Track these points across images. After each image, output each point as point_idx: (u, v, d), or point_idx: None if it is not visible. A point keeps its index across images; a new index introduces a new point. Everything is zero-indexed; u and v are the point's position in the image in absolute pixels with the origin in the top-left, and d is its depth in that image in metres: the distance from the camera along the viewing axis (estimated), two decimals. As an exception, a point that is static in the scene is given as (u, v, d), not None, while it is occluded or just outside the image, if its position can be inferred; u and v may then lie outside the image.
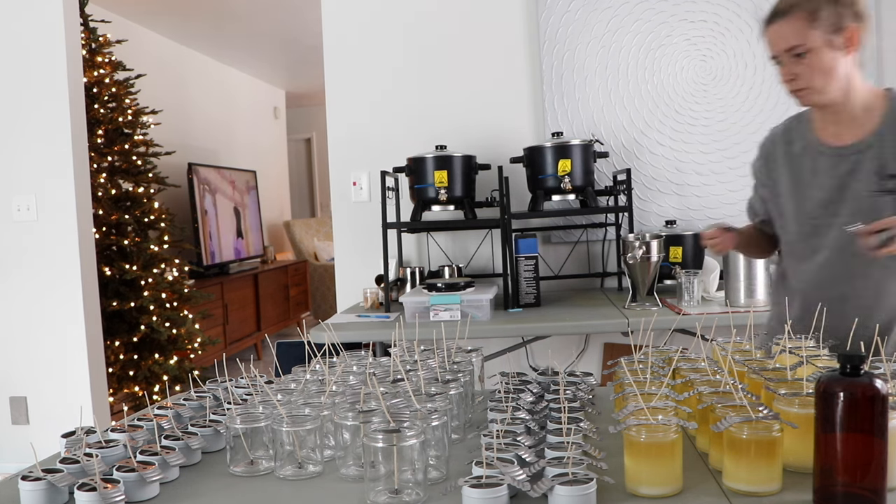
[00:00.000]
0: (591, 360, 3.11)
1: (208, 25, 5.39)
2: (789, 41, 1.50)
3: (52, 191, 3.23)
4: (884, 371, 1.07)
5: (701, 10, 3.01)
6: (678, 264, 2.58)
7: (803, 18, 1.48)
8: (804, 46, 1.49)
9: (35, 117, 3.21)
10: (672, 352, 1.35)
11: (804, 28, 1.48)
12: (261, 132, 7.32)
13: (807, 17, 1.48)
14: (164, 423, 1.23)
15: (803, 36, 1.49)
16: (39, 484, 0.99)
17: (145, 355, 3.97)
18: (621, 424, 0.98)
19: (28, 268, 3.27)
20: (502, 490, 0.90)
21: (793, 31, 1.49)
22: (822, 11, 1.48)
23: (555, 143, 2.73)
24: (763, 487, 0.94)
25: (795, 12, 1.49)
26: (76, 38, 3.31)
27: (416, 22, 3.12)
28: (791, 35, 1.49)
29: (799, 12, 1.49)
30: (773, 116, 2.99)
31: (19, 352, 3.31)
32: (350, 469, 1.09)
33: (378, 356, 1.48)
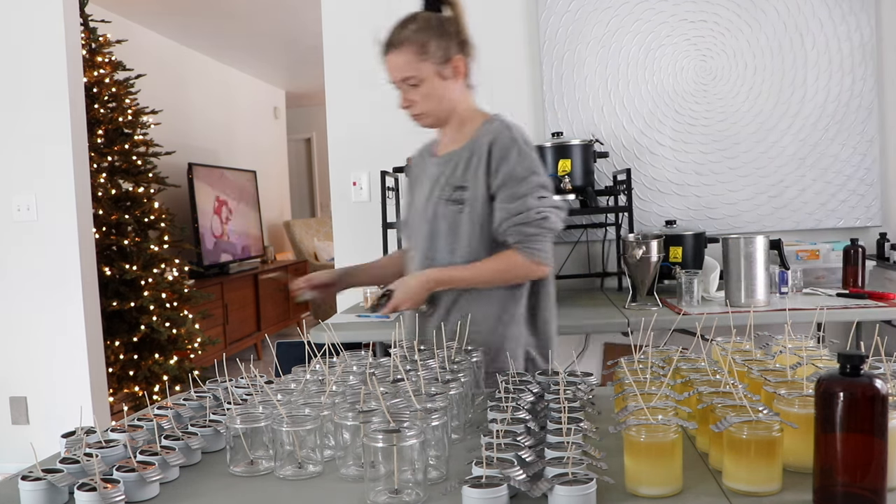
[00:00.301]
0: (591, 360, 3.11)
1: (208, 25, 5.39)
2: (403, 72, 1.60)
3: (52, 191, 3.23)
4: (884, 371, 1.07)
5: (701, 10, 3.01)
6: (678, 264, 2.58)
7: (414, 52, 1.59)
8: (416, 78, 1.60)
9: (35, 117, 3.21)
10: (672, 352, 1.35)
11: (415, 61, 1.59)
12: (261, 132, 7.32)
13: (417, 51, 1.59)
14: (164, 423, 1.23)
15: (415, 68, 1.60)
16: (39, 484, 0.99)
17: (145, 355, 3.97)
18: (621, 424, 0.98)
19: (28, 268, 3.27)
20: (502, 490, 0.90)
21: (406, 64, 1.59)
22: (430, 45, 1.59)
23: (555, 143, 2.73)
24: (763, 487, 0.94)
25: (406, 46, 1.59)
26: (76, 38, 3.30)
27: (416, 22, 3.12)
28: (404, 67, 1.60)
29: (409, 46, 1.59)
30: (773, 116, 3.02)
31: (19, 352, 3.30)
32: (350, 469, 1.09)
33: (378, 356, 1.48)
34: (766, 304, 2.36)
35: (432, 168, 1.72)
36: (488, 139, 1.62)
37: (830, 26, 2.98)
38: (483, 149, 1.61)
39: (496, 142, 1.60)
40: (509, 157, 1.59)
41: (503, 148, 1.60)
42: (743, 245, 2.35)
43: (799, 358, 1.20)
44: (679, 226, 2.76)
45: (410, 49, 1.59)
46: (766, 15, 2.99)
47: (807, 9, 2.98)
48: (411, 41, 1.59)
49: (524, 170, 1.59)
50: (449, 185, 1.63)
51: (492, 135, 1.62)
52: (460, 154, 1.66)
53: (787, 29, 2.99)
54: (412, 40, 1.59)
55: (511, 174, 1.58)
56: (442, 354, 1.35)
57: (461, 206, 1.61)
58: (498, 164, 1.59)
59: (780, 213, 3.03)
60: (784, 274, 2.51)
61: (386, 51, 1.62)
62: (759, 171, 3.03)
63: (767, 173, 3.03)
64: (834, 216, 3.02)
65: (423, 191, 1.71)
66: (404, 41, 1.59)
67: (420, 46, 1.59)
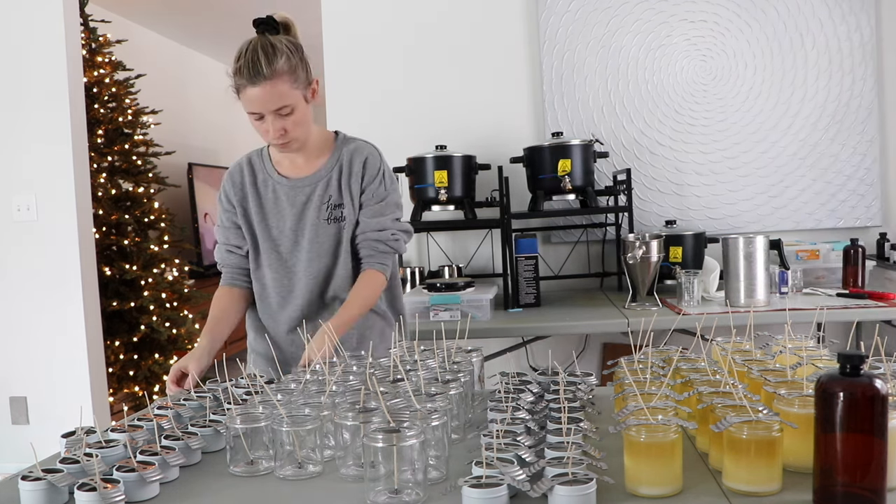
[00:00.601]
0: (591, 360, 3.11)
1: (208, 25, 5.39)
2: (279, 103, 1.56)
3: (52, 191, 3.23)
4: (884, 371, 1.07)
5: (701, 10, 3.01)
6: (678, 264, 2.58)
7: (287, 81, 1.55)
8: (290, 106, 1.57)
9: (35, 117, 3.21)
10: (672, 352, 1.35)
11: (289, 90, 1.56)
12: (260, 132, 7.31)
13: (289, 80, 1.55)
14: (164, 423, 1.23)
15: (289, 97, 1.56)
16: (39, 484, 0.99)
17: (145, 355, 3.97)
18: (621, 424, 0.98)
19: (28, 268, 3.27)
20: (502, 490, 0.90)
21: (280, 94, 1.55)
22: (299, 71, 1.58)
23: (555, 143, 2.73)
24: (763, 487, 0.94)
25: (281, 77, 1.54)
26: (76, 38, 3.30)
27: (416, 22, 3.12)
28: (279, 97, 1.55)
29: (284, 76, 1.55)
30: (773, 116, 3.02)
31: (19, 352, 3.31)
32: (350, 469, 1.09)
33: (378, 356, 1.48)
34: (766, 304, 2.36)
35: (286, 190, 1.71)
36: (360, 157, 1.70)
37: (830, 26, 2.98)
38: (356, 166, 1.70)
39: (368, 160, 1.70)
40: (377, 175, 1.70)
41: (373, 167, 1.70)
42: (743, 245, 2.35)
43: (799, 358, 1.20)
44: (679, 226, 2.76)
45: (285, 79, 1.55)
46: (766, 15, 2.99)
47: (807, 9, 2.98)
48: (285, 71, 1.54)
49: (386, 190, 1.71)
50: (326, 206, 1.69)
51: (363, 154, 1.71)
52: (328, 173, 1.70)
53: (787, 29, 2.99)
54: (285, 70, 1.55)
55: (377, 193, 1.70)
56: (441, 354, 1.35)
57: (342, 223, 1.69)
58: (369, 182, 1.69)
59: (780, 213, 3.03)
60: (784, 274, 2.51)
61: (254, 82, 1.54)
62: (759, 171, 3.03)
63: (767, 173, 3.03)
64: (834, 216, 3.02)
65: (285, 215, 1.71)
66: (279, 72, 1.54)
67: (292, 74, 1.56)
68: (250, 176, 1.76)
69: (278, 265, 1.72)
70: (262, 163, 1.77)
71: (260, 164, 1.77)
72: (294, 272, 1.71)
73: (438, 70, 3.12)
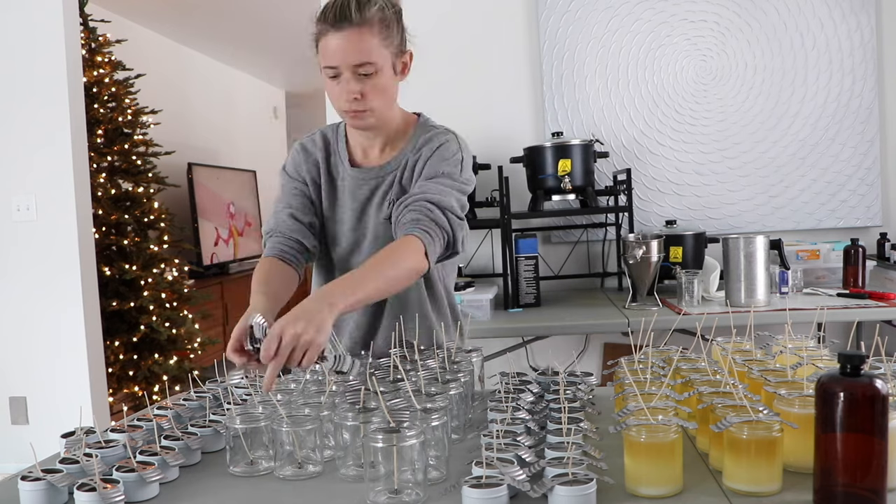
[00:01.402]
0: (591, 360, 3.11)
1: (208, 25, 5.39)
2: (363, 56, 1.32)
3: (52, 191, 3.23)
4: (884, 371, 1.07)
5: (701, 10, 3.01)
6: (678, 264, 2.58)
7: (377, 35, 1.32)
8: (375, 66, 1.33)
9: (35, 117, 3.21)
10: (672, 352, 1.35)
11: (377, 45, 1.33)
12: (261, 132, 7.32)
13: (380, 33, 1.33)
14: (163, 423, 1.23)
15: (375, 53, 1.33)
16: (39, 484, 0.99)
17: (145, 355, 3.96)
18: (621, 424, 0.98)
19: (28, 268, 3.26)
20: (502, 490, 0.90)
21: (365, 47, 1.31)
22: (393, 29, 1.36)
23: (555, 143, 2.73)
24: (763, 487, 0.94)
25: (372, 26, 1.32)
26: (76, 38, 3.30)
27: (416, 22, 3.11)
28: (366, 51, 1.31)
29: (375, 27, 1.32)
30: (773, 116, 3.02)
31: (19, 352, 3.30)
32: (350, 469, 1.09)
33: (378, 356, 1.48)
34: (766, 304, 2.36)
35: (350, 182, 1.49)
36: (434, 144, 1.44)
37: (830, 26, 2.98)
38: (425, 152, 1.44)
39: (443, 145, 1.44)
40: (450, 158, 1.43)
41: (447, 150, 1.43)
42: (743, 245, 2.35)
43: (799, 358, 1.20)
44: (679, 226, 2.76)
45: (375, 31, 1.31)
46: (766, 15, 2.99)
47: (807, 9, 2.98)
48: (376, 21, 1.32)
49: (461, 173, 1.43)
50: (385, 203, 1.46)
51: (438, 140, 1.45)
52: (394, 167, 1.47)
53: (787, 29, 2.99)
54: (377, 20, 1.32)
55: (445, 169, 1.41)
56: (442, 354, 1.35)
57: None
58: (438, 161, 1.42)
59: (780, 213, 3.03)
60: (784, 274, 2.51)
61: (339, 25, 1.30)
62: (759, 171, 3.03)
63: (767, 173, 3.03)
64: (834, 216, 3.02)
65: (346, 210, 1.50)
66: (371, 20, 1.31)
67: (385, 29, 1.33)
68: (323, 152, 1.52)
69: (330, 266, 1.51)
70: (336, 142, 1.53)
71: (335, 144, 1.53)
72: (339, 262, 1.51)
73: (438, 70, 3.12)
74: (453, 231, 1.36)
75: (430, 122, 1.53)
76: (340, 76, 1.34)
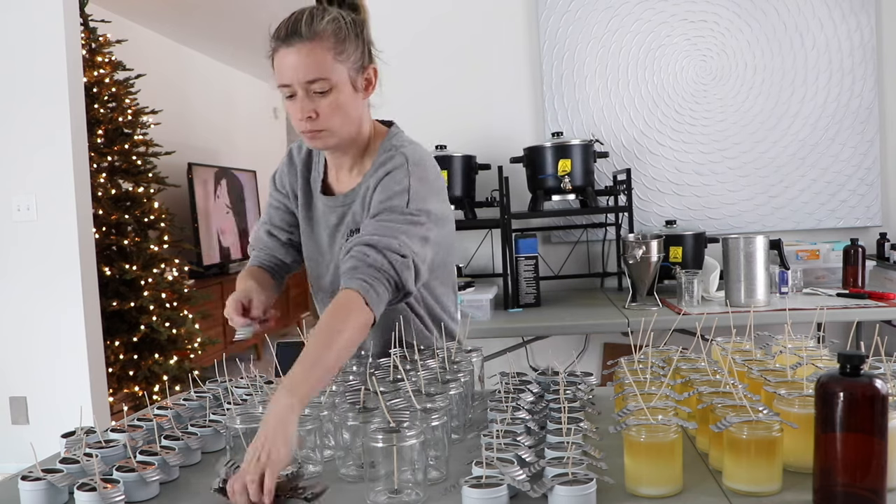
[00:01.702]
0: (591, 360, 3.11)
1: (208, 25, 5.39)
2: (313, 73, 1.24)
3: (52, 191, 3.23)
4: (884, 371, 1.07)
5: (701, 10, 3.01)
6: (678, 264, 2.58)
7: (330, 49, 1.25)
8: (328, 82, 1.25)
9: (35, 117, 3.21)
10: (672, 352, 1.35)
11: (330, 60, 1.25)
12: (261, 132, 7.32)
13: (334, 48, 1.25)
14: (163, 423, 1.23)
15: (327, 68, 1.25)
16: (39, 484, 0.99)
17: (145, 355, 3.96)
18: (621, 424, 0.98)
19: (28, 268, 3.26)
20: (502, 490, 0.90)
21: (318, 63, 1.24)
22: (348, 45, 1.27)
23: (555, 143, 2.73)
24: (763, 487, 0.94)
25: (321, 40, 1.24)
26: (76, 38, 3.30)
27: (416, 22, 3.12)
28: (316, 66, 1.24)
29: (325, 41, 1.24)
30: (773, 116, 3.01)
31: (19, 352, 3.30)
32: (350, 469, 1.09)
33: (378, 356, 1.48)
34: (766, 304, 2.36)
35: (323, 208, 1.44)
36: (383, 171, 1.33)
37: (830, 26, 2.98)
38: (370, 185, 1.35)
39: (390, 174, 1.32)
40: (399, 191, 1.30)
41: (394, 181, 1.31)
42: (743, 245, 2.35)
43: (799, 358, 1.20)
44: (679, 226, 2.76)
45: (326, 45, 1.24)
46: (766, 15, 2.99)
47: (807, 9, 2.98)
48: (328, 36, 1.24)
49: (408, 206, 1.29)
50: (348, 232, 1.40)
51: (387, 167, 1.34)
52: (355, 194, 1.40)
53: (787, 29, 2.99)
54: (328, 33, 1.25)
55: (390, 204, 1.29)
56: (442, 354, 1.35)
57: None
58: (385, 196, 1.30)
59: (780, 213, 3.03)
60: (784, 274, 2.51)
61: (288, 42, 1.24)
62: (759, 171, 3.03)
63: (767, 173, 3.03)
64: (834, 216, 3.02)
65: (320, 225, 1.46)
66: (319, 34, 1.24)
67: (338, 44, 1.26)
68: (304, 166, 1.48)
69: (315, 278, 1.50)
70: (318, 157, 1.47)
71: (316, 159, 1.47)
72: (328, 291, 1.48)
73: (438, 70, 3.12)
74: (397, 272, 1.23)
75: (396, 138, 1.41)
76: (295, 95, 1.26)
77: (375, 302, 1.20)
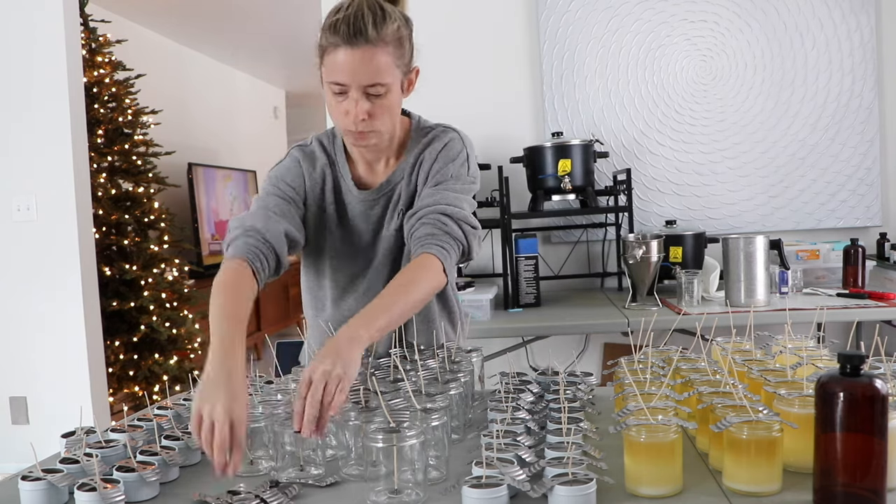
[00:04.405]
0: (591, 360, 3.11)
1: (208, 25, 5.39)
2: (373, 77, 1.23)
3: (52, 191, 3.23)
4: (884, 371, 1.07)
5: (701, 10, 3.01)
6: (678, 264, 2.58)
7: (391, 54, 1.24)
8: (386, 87, 1.25)
9: (35, 117, 3.21)
10: (672, 352, 1.35)
11: (390, 65, 1.24)
12: (261, 132, 7.32)
13: (394, 53, 1.24)
14: (164, 423, 1.23)
15: (388, 73, 1.24)
16: (39, 484, 0.99)
17: (145, 355, 3.97)
18: (621, 424, 0.98)
19: (28, 268, 3.26)
20: (502, 490, 0.90)
21: (379, 67, 1.22)
22: (406, 49, 1.28)
23: (555, 143, 2.73)
24: (763, 487, 0.94)
25: (385, 44, 1.23)
26: (76, 38, 3.30)
27: (416, 22, 3.11)
28: (377, 72, 1.23)
29: (389, 45, 1.23)
30: (773, 116, 3.01)
31: (19, 352, 3.30)
32: (350, 469, 1.09)
33: (378, 356, 1.48)
34: (766, 304, 2.36)
35: (361, 205, 1.43)
36: (439, 144, 1.39)
37: (830, 26, 2.98)
38: (429, 154, 1.39)
39: (448, 144, 1.39)
40: (456, 159, 1.38)
41: (453, 149, 1.38)
42: (743, 245, 2.35)
43: (799, 358, 1.20)
44: (679, 226, 2.76)
45: (390, 50, 1.23)
46: (766, 15, 2.99)
47: (807, 9, 2.98)
48: (392, 40, 1.23)
49: (469, 174, 1.38)
50: (395, 215, 1.41)
51: (442, 140, 1.40)
52: (399, 176, 1.41)
53: (787, 29, 2.99)
54: (393, 39, 1.24)
55: (453, 172, 1.36)
56: (442, 354, 1.35)
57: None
58: (444, 163, 1.37)
59: (780, 213, 3.03)
60: (784, 274, 2.51)
61: (354, 41, 1.21)
62: (759, 171, 3.03)
63: (767, 173, 3.03)
64: (834, 216, 3.02)
65: (357, 226, 1.44)
66: (385, 39, 1.22)
67: (399, 49, 1.25)
68: (328, 168, 1.44)
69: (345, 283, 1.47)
70: (336, 157, 1.44)
71: (336, 159, 1.44)
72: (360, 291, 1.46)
73: (438, 70, 3.11)
74: (468, 241, 1.32)
75: (424, 122, 1.47)
76: (348, 93, 1.25)
77: (450, 268, 1.28)
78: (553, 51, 3.05)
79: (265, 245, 1.29)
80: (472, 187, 1.39)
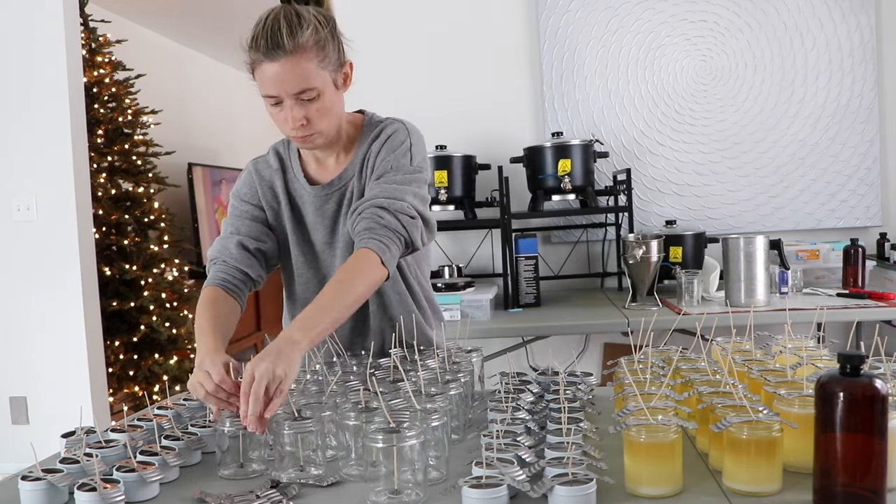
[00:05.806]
0: (591, 360, 3.11)
1: (208, 25, 5.39)
2: (300, 84, 1.28)
3: (52, 191, 3.23)
4: (884, 371, 1.07)
5: (701, 10, 3.01)
6: (678, 264, 2.58)
7: (313, 59, 1.28)
8: (316, 90, 1.29)
9: (35, 117, 3.21)
10: (672, 352, 1.35)
11: (315, 70, 1.28)
12: (261, 132, 7.31)
13: (317, 57, 1.28)
14: (164, 423, 1.23)
15: (314, 78, 1.28)
16: (39, 484, 0.99)
17: (145, 355, 3.97)
18: (621, 424, 0.98)
19: (28, 268, 3.26)
20: (502, 490, 0.90)
21: (303, 74, 1.27)
22: (328, 48, 1.30)
23: (555, 143, 2.73)
24: (763, 487, 0.94)
25: (305, 52, 1.26)
26: (76, 38, 3.30)
27: (416, 22, 3.12)
28: (301, 77, 1.27)
29: (308, 51, 1.27)
30: (773, 116, 3.01)
31: (19, 352, 3.30)
32: (350, 469, 1.09)
33: (378, 356, 1.48)
34: (766, 304, 2.36)
35: (314, 200, 1.46)
36: (384, 135, 1.42)
37: (830, 26, 2.98)
38: (376, 146, 1.42)
39: (392, 136, 1.41)
40: (399, 148, 1.40)
41: (396, 140, 1.40)
42: (743, 245, 2.35)
43: (799, 358, 1.20)
44: (679, 226, 2.76)
45: (310, 55, 1.27)
46: (766, 15, 2.99)
47: (807, 9, 2.98)
48: (310, 45, 1.27)
49: (411, 164, 1.39)
50: (350, 214, 1.41)
51: (388, 131, 1.42)
52: (351, 172, 1.44)
53: (787, 29, 2.99)
54: (311, 44, 1.27)
55: (395, 163, 1.38)
56: (442, 354, 1.35)
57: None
58: (388, 152, 1.39)
59: (780, 213, 3.03)
60: (784, 274, 2.51)
61: (272, 57, 1.26)
62: (759, 171, 3.03)
63: (767, 173, 3.03)
64: (834, 216, 3.02)
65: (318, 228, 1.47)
66: (303, 46, 1.26)
67: (320, 51, 1.28)
68: (280, 173, 1.49)
69: (315, 283, 1.50)
70: (289, 160, 1.50)
71: (289, 162, 1.50)
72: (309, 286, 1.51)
73: (438, 70, 3.12)
74: (409, 232, 1.33)
75: (376, 118, 1.50)
76: (282, 103, 1.31)
77: (390, 260, 1.30)
78: (553, 51, 3.05)
79: (237, 271, 1.44)
80: (416, 177, 1.39)
